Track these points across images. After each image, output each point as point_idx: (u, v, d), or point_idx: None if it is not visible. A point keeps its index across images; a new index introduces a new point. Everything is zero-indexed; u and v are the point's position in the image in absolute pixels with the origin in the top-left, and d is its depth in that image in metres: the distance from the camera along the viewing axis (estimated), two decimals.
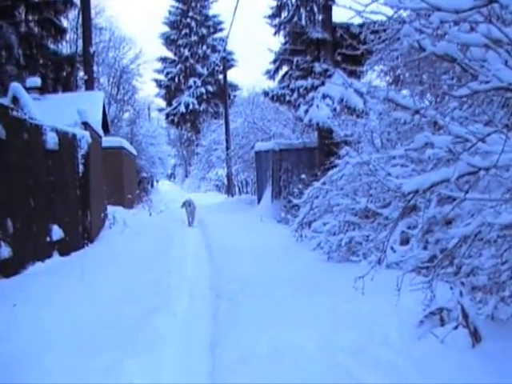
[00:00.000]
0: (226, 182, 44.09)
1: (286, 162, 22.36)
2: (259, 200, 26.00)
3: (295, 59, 21.22)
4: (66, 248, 11.97)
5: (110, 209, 19.38)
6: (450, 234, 5.98)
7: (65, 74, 28.53)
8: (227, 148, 37.73)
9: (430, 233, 8.68)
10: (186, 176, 73.59)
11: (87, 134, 14.00)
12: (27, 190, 10.26)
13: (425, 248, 8.66)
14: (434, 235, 8.55)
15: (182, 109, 65.43)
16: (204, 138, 55.49)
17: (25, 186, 10.19)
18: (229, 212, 24.90)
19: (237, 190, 42.67)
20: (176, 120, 67.75)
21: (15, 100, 12.58)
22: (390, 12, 5.68)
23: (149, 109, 60.08)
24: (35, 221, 10.58)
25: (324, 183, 12.26)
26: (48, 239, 11.24)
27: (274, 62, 23.12)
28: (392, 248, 8.77)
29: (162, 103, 71.93)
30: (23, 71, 25.64)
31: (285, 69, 22.79)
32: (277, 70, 23.16)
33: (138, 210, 26.46)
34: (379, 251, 9.13)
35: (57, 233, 11.56)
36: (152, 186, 46.55)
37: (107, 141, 22.33)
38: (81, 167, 13.58)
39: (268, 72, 23.61)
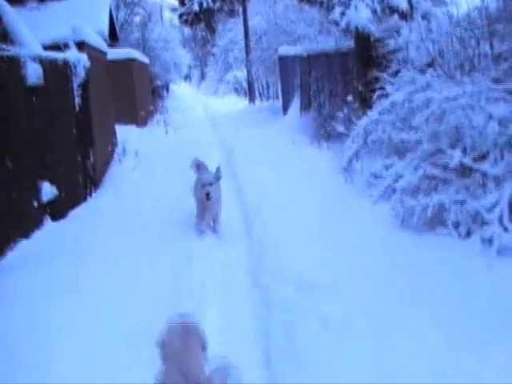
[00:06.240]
0: (245, 85, 41.80)
1: (316, 70, 19.84)
2: (285, 109, 23.88)
3: None
4: (61, 208, 9.58)
5: (122, 131, 17.07)
6: None
7: None
8: (247, 52, 34.96)
9: None
10: (203, 78, 71.17)
11: (84, 56, 11.34)
12: (1, 147, 7.80)
13: None
14: None
15: (196, 8, 62.31)
16: (220, 37, 52.78)
17: None
18: (253, 126, 22.41)
19: (257, 93, 40.05)
20: (190, 20, 64.58)
21: None
22: None
23: (161, 9, 57.07)
24: (15, 184, 8.13)
25: (381, 112, 9.75)
26: (36, 203, 8.79)
27: None
28: (501, 221, 6.38)
29: (175, 1, 68.53)
30: None
31: None
32: None
33: (152, 126, 24.14)
34: (477, 223, 6.84)
35: (48, 192, 9.09)
36: (167, 91, 44.48)
37: (115, 53, 19.74)
38: (77, 100, 11.03)
39: None
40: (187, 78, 77.04)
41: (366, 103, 13.11)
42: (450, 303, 5.50)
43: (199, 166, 9.44)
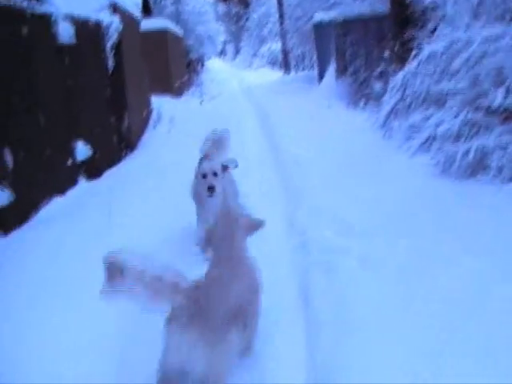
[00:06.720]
0: (280, 57, 41.37)
1: (352, 35, 19.51)
2: (320, 77, 23.50)
3: None
4: (96, 168, 9.51)
5: (157, 100, 17.02)
6: None
7: None
8: (281, 22, 34.67)
9: None
10: (237, 52, 71.08)
11: (116, 18, 11.24)
12: (32, 105, 7.62)
13: None
14: None
15: None
16: (253, 11, 52.62)
17: (28, 99, 7.52)
18: (288, 94, 22.10)
19: (292, 64, 39.71)
20: None
21: None
22: None
23: None
24: (49, 142, 8.00)
25: (419, 63, 9.49)
26: (70, 162, 8.69)
27: None
28: None
29: None
30: None
31: None
32: None
33: (187, 96, 24.12)
34: None
35: (82, 151, 9.01)
36: (202, 65, 44.30)
37: (148, 23, 19.69)
38: (110, 61, 10.96)
39: None
40: (222, 53, 77.00)
41: (402, 61, 12.82)
42: (492, 243, 5.27)
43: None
